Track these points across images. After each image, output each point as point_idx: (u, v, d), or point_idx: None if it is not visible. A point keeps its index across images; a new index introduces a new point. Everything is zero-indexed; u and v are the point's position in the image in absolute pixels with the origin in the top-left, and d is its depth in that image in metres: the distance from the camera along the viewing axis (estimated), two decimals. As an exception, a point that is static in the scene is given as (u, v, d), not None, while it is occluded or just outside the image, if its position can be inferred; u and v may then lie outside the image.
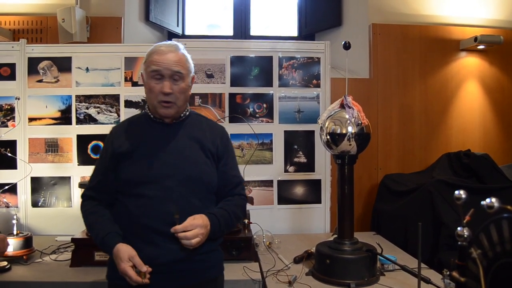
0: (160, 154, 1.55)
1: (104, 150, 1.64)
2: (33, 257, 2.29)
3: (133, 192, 1.53)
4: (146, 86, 1.58)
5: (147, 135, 1.58)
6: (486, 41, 3.26)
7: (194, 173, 1.57)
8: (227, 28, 3.73)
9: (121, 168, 1.55)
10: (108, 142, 1.62)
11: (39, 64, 2.81)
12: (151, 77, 1.53)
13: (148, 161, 1.53)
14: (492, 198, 0.83)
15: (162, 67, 1.52)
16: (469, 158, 3.00)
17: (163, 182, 1.51)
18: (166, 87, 1.52)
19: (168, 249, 1.48)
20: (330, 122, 2.01)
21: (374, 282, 1.96)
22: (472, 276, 0.93)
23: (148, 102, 1.60)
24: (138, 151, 1.55)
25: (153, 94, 1.53)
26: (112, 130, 1.66)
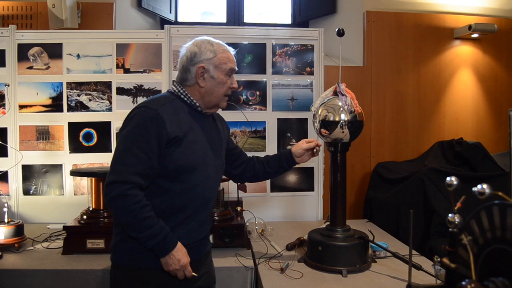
0: (203, 142, 1.64)
1: (151, 133, 1.49)
2: (25, 245, 2.28)
3: (178, 177, 1.56)
4: (213, 80, 1.63)
5: (191, 123, 1.61)
6: (480, 30, 3.25)
7: (221, 162, 1.77)
8: (221, 15, 3.70)
9: (171, 153, 1.53)
10: (158, 125, 1.50)
11: (29, 51, 2.77)
12: (226, 73, 1.65)
13: (195, 149, 1.59)
14: (484, 184, 0.83)
15: (235, 66, 1.70)
16: (461, 146, 3.01)
17: (205, 170, 1.62)
18: (236, 84, 1.72)
19: (198, 232, 1.66)
20: (323, 109, 2.01)
21: (366, 269, 1.97)
22: (463, 263, 0.94)
23: (210, 94, 1.64)
24: (187, 138, 1.57)
25: (224, 88, 1.65)
26: (159, 114, 1.51)
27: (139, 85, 2.81)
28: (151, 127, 1.50)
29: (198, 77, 1.61)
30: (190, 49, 1.63)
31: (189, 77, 1.63)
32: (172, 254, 1.51)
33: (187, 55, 1.63)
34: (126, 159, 1.49)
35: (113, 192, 1.46)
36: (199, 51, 1.61)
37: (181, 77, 1.66)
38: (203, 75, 1.61)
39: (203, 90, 1.63)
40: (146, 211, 1.47)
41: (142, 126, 1.50)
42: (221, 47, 1.66)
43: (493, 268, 0.84)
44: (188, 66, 1.62)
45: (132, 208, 1.45)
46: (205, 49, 1.62)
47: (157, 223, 1.49)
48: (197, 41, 1.66)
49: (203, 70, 1.61)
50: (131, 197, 1.45)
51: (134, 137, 1.50)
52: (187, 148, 1.56)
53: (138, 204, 1.46)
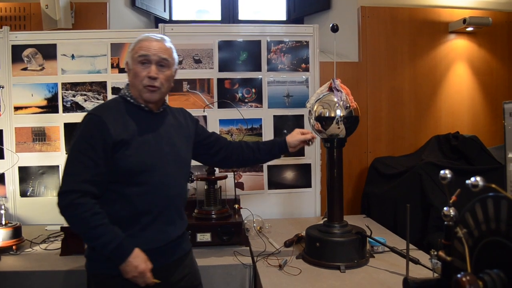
0: (155, 141, 1.59)
1: (95, 139, 1.48)
2: (23, 247, 2.28)
3: (132, 180, 1.53)
4: (131, 72, 1.59)
5: (140, 123, 1.58)
6: (474, 23, 3.26)
7: (184, 158, 1.71)
8: (215, 13, 3.69)
9: (120, 156, 1.51)
10: (101, 130, 1.49)
11: (23, 52, 2.76)
12: (138, 62, 1.56)
13: (147, 149, 1.56)
14: (477, 177, 0.83)
15: (150, 52, 1.56)
16: (458, 140, 3.01)
17: (162, 168, 1.58)
18: (153, 71, 1.57)
19: (168, 233, 1.61)
20: (319, 105, 2.01)
21: (364, 264, 1.98)
22: (458, 255, 0.94)
23: (133, 88, 1.60)
24: (136, 139, 1.54)
25: (139, 79, 1.56)
26: (101, 118, 1.51)
27: (134, 85, 2.80)
28: (95, 133, 1.49)
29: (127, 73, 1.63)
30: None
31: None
32: (128, 261, 1.46)
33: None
34: (73, 168, 1.48)
35: (62, 202, 1.45)
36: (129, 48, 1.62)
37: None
38: (128, 69, 1.61)
39: (130, 84, 1.62)
40: (97, 219, 1.44)
41: (87, 134, 1.50)
42: (139, 38, 1.61)
43: (488, 260, 0.84)
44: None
45: (82, 216, 1.43)
46: (131, 44, 1.62)
47: (110, 231, 1.46)
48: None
49: (127, 65, 1.62)
50: (80, 206, 1.43)
51: (80, 145, 1.49)
52: (138, 150, 1.53)
53: (87, 212, 1.43)
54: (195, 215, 2.37)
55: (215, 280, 2.04)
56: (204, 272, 2.01)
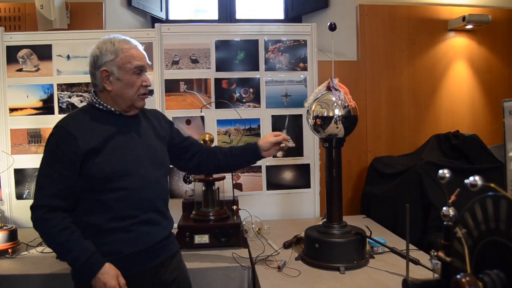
0: (128, 145, 1.57)
1: (62, 152, 1.45)
2: (19, 250, 2.26)
3: (109, 187, 1.51)
4: (120, 82, 1.54)
5: (110, 129, 1.55)
6: (474, 21, 3.23)
7: (160, 159, 1.69)
8: (213, 12, 3.67)
9: (92, 165, 1.48)
10: (68, 141, 1.46)
11: (18, 53, 2.74)
12: (133, 73, 1.54)
13: (120, 154, 1.54)
14: (476, 176, 0.81)
15: (143, 62, 1.57)
16: (458, 139, 2.99)
17: (138, 172, 1.56)
18: (149, 80, 1.61)
19: (152, 234, 1.59)
20: (317, 105, 1.98)
21: (364, 265, 1.95)
22: (458, 256, 0.92)
23: (119, 97, 1.56)
24: (108, 146, 1.52)
25: (134, 88, 1.56)
26: (67, 129, 1.47)
27: (131, 85, 2.78)
28: (62, 145, 1.46)
29: (103, 81, 1.53)
30: (92, 53, 1.55)
31: (97, 83, 1.56)
32: (97, 277, 1.42)
33: (90, 59, 1.55)
34: (42, 182, 1.46)
35: (33, 217, 1.45)
36: (100, 54, 1.52)
37: (92, 84, 1.60)
38: (108, 78, 1.53)
39: (112, 93, 1.55)
40: (64, 235, 1.42)
41: (54, 147, 1.48)
42: (125, 45, 1.55)
43: (488, 261, 0.83)
44: (93, 71, 1.55)
45: (49, 232, 1.43)
46: (106, 51, 1.52)
47: (78, 246, 1.43)
48: (99, 42, 1.57)
49: (107, 74, 1.53)
50: (47, 221, 1.43)
51: (47, 159, 1.48)
52: (110, 156, 1.51)
53: (55, 228, 1.42)
54: (193, 217, 2.34)
55: (213, 282, 2.01)
56: (202, 274, 1.99)
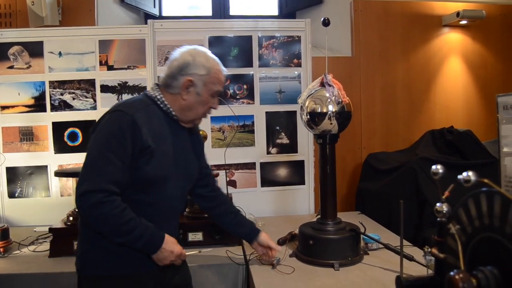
0: (173, 153, 1.57)
1: (126, 139, 1.42)
2: (11, 249, 2.24)
3: (147, 189, 1.50)
4: (198, 97, 1.55)
5: (166, 131, 1.54)
6: (468, 16, 3.23)
7: (191, 175, 1.71)
8: (206, 8, 3.64)
9: (143, 163, 1.46)
10: (134, 131, 1.43)
11: (9, 50, 2.72)
12: (212, 94, 1.57)
13: (168, 159, 1.53)
14: (469, 172, 0.80)
15: (223, 88, 1.64)
16: (452, 134, 2.99)
17: (175, 181, 1.57)
18: (217, 105, 1.65)
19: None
20: (311, 101, 1.97)
21: (358, 262, 1.95)
22: (452, 252, 0.91)
23: (189, 109, 1.57)
24: (160, 148, 1.50)
25: (204, 108, 1.59)
26: (134, 118, 1.44)
27: (123, 82, 2.76)
28: (127, 133, 1.42)
29: (183, 89, 1.52)
30: (184, 57, 1.53)
31: (174, 85, 1.53)
32: (163, 248, 1.47)
33: (180, 63, 1.52)
34: (101, 166, 1.40)
35: (89, 201, 1.37)
36: (193, 63, 1.51)
37: (165, 82, 1.56)
38: (189, 88, 1.52)
39: (184, 103, 1.55)
40: (126, 214, 1.41)
41: (119, 132, 1.41)
42: (216, 66, 1.56)
43: (482, 257, 0.82)
44: (176, 74, 1.52)
45: (112, 213, 1.38)
46: (200, 63, 1.52)
47: (140, 223, 1.43)
48: (192, 50, 1.55)
49: (190, 84, 1.52)
50: (109, 203, 1.38)
51: (109, 143, 1.41)
52: (159, 159, 1.49)
53: (117, 209, 1.39)
54: (187, 214, 2.33)
55: (207, 279, 2.01)
56: (197, 271, 1.98)
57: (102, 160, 1.40)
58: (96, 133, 1.45)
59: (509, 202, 0.74)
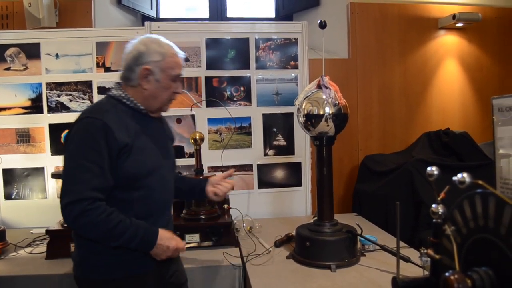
0: (153, 146, 1.58)
1: (100, 145, 1.41)
2: (7, 251, 2.23)
3: (135, 185, 1.51)
4: (158, 84, 1.55)
5: (136, 126, 1.54)
6: (464, 19, 3.25)
7: (173, 162, 1.77)
8: (203, 10, 3.65)
9: (124, 162, 1.46)
10: (106, 135, 1.42)
11: (6, 51, 2.71)
12: (172, 79, 1.57)
13: (147, 153, 1.54)
14: (464, 173, 0.81)
15: (181, 71, 1.62)
16: (448, 136, 3.00)
17: (159, 173, 1.58)
18: (181, 88, 1.68)
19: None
20: (307, 103, 1.98)
21: (355, 263, 1.95)
22: (447, 253, 0.92)
23: (153, 98, 1.57)
24: (136, 144, 1.50)
25: (167, 93, 1.59)
26: (104, 121, 1.43)
27: (120, 84, 2.75)
28: (100, 137, 1.41)
29: (141, 79, 1.52)
30: (137, 48, 1.53)
31: (133, 77, 1.53)
32: (158, 244, 1.48)
33: (134, 54, 1.53)
34: (79, 175, 1.39)
35: (74, 212, 1.36)
36: (147, 51, 1.51)
37: (124, 76, 1.56)
38: (147, 77, 1.52)
39: (146, 92, 1.55)
40: (113, 218, 1.41)
41: (90, 138, 1.41)
42: (171, 50, 1.57)
43: (476, 258, 0.83)
44: (133, 66, 1.52)
45: (98, 220, 1.38)
46: (153, 50, 1.52)
47: (130, 225, 1.43)
48: (145, 39, 1.56)
49: (148, 72, 1.52)
50: (94, 210, 1.37)
51: (83, 151, 1.40)
52: (138, 154, 1.50)
53: (103, 214, 1.39)
54: (184, 216, 2.33)
55: (204, 281, 2.01)
56: (194, 273, 1.98)
57: (79, 169, 1.40)
58: (68, 144, 1.45)
59: (504, 203, 0.75)
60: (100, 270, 1.49)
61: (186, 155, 2.81)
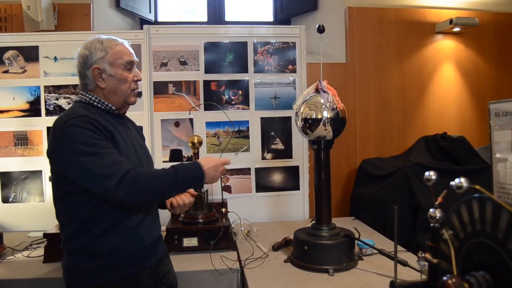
0: (129, 143, 1.59)
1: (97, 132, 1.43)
2: (4, 255, 2.22)
3: None
4: (113, 78, 1.56)
5: (113, 127, 1.55)
6: (461, 24, 3.27)
7: (150, 158, 1.79)
8: (202, 14, 3.66)
9: None
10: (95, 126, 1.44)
11: (5, 54, 2.70)
12: (124, 68, 1.58)
13: (126, 151, 1.54)
14: (461, 178, 0.81)
15: (133, 58, 1.61)
16: (445, 140, 3.01)
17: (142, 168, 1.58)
18: (140, 74, 1.64)
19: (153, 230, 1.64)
20: (305, 107, 1.99)
21: (353, 267, 1.96)
22: (445, 257, 0.92)
23: (114, 93, 1.58)
24: (114, 142, 1.51)
25: (127, 84, 1.59)
26: (90, 116, 1.46)
27: (119, 87, 2.75)
28: (91, 128, 1.43)
29: (96, 79, 1.55)
30: (81, 53, 1.56)
31: (89, 82, 1.56)
32: (206, 172, 1.52)
33: (80, 60, 1.56)
34: (102, 161, 1.38)
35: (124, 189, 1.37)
36: (90, 53, 1.54)
37: (82, 84, 1.59)
38: (101, 75, 1.55)
39: (105, 91, 1.57)
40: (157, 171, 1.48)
41: (84, 130, 1.41)
42: (112, 42, 1.58)
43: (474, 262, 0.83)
44: (84, 71, 1.55)
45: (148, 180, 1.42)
46: (95, 49, 1.54)
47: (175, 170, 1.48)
48: (86, 43, 1.58)
49: (99, 71, 1.54)
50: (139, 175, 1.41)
51: (86, 143, 1.39)
52: (121, 151, 1.50)
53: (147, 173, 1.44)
54: (182, 219, 2.33)
55: (202, 285, 2.00)
56: (191, 277, 1.98)
57: (98, 156, 1.40)
58: (63, 151, 1.42)
59: (501, 208, 0.76)
60: (91, 275, 1.48)
61: (184, 158, 2.81)
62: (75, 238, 1.49)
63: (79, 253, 1.49)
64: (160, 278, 1.66)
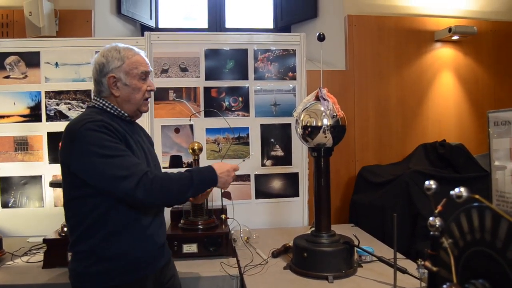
0: (140, 149, 1.62)
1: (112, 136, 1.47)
2: (4, 260, 2.22)
3: None
4: (127, 87, 1.58)
5: (125, 133, 1.57)
6: (460, 32, 3.29)
7: (159, 165, 1.81)
8: (202, 20, 3.68)
9: None
10: (110, 130, 1.47)
11: (6, 60, 2.72)
12: (139, 78, 1.60)
13: (138, 156, 1.57)
14: (461, 187, 0.82)
15: (148, 68, 1.64)
16: (444, 148, 3.02)
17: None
18: (153, 85, 1.68)
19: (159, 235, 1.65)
20: (306, 114, 2.00)
21: (352, 274, 1.96)
22: (444, 265, 0.93)
23: (127, 102, 1.61)
24: (127, 147, 1.54)
25: (141, 93, 1.62)
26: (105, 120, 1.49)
27: (119, 93, 2.77)
28: (108, 132, 1.46)
29: (111, 87, 1.57)
30: (97, 61, 1.58)
31: (103, 89, 1.59)
32: (219, 176, 1.57)
33: (96, 68, 1.58)
34: (119, 163, 1.42)
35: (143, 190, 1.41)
36: (106, 61, 1.56)
37: (96, 90, 1.62)
38: (116, 84, 1.57)
39: (119, 99, 1.59)
40: (172, 174, 1.50)
41: (100, 136, 1.44)
42: (129, 52, 1.61)
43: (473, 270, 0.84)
44: (99, 78, 1.58)
45: (166, 182, 1.46)
46: (112, 58, 1.57)
47: (181, 174, 1.53)
48: (103, 50, 1.61)
49: (115, 80, 1.57)
50: (157, 176, 1.45)
51: (106, 147, 1.43)
52: (134, 155, 1.53)
53: (164, 176, 1.48)
54: (181, 226, 2.33)
55: (201, 292, 2.00)
56: (191, 283, 1.99)
57: (117, 159, 1.43)
58: (80, 154, 1.43)
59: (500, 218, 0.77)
60: (98, 280, 1.49)
61: (184, 164, 2.82)
62: (83, 241, 1.49)
63: (87, 256, 1.49)
64: (165, 282, 1.68)
